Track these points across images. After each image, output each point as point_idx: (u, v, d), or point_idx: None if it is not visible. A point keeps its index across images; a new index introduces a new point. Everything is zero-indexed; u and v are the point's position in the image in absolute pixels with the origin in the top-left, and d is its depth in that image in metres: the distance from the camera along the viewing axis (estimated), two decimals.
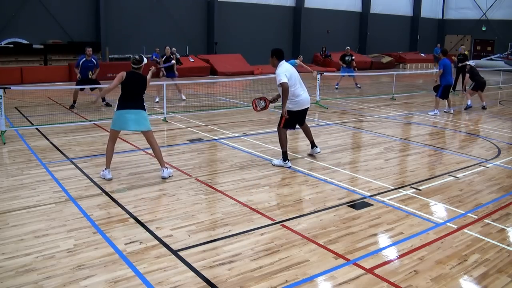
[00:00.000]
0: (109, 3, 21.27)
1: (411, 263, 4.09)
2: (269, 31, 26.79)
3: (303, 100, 7.03)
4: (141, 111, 6.22)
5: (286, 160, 7.06)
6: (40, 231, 4.54)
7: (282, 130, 7.08)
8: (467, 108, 13.26)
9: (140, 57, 6.34)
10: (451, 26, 36.62)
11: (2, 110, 8.33)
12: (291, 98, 6.91)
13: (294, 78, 6.90)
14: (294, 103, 6.98)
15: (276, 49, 7.00)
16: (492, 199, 5.81)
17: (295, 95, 6.92)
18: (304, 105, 7.09)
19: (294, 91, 6.89)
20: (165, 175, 6.33)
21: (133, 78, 6.22)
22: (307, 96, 7.10)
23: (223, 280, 3.73)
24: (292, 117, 7.01)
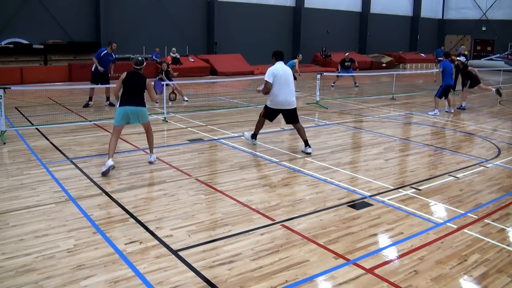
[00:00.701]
0: (109, 3, 21.28)
1: (411, 263, 4.09)
2: (269, 31, 26.80)
3: (281, 101, 7.60)
4: (142, 108, 6.68)
5: (254, 138, 8.20)
6: (40, 231, 4.54)
7: (261, 118, 7.98)
8: (460, 108, 13.25)
9: (143, 59, 6.81)
10: (451, 26, 36.62)
11: (2, 110, 8.33)
12: (271, 96, 7.64)
13: (279, 80, 7.49)
14: (271, 101, 7.70)
15: (276, 51, 7.77)
16: (492, 199, 5.81)
17: (274, 95, 7.58)
18: (281, 106, 7.65)
19: (273, 91, 7.55)
20: (152, 160, 7.01)
21: (134, 77, 6.68)
22: (286, 99, 7.60)
23: (223, 280, 3.73)
24: (269, 111, 7.83)
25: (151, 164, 6.95)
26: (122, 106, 6.57)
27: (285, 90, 7.55)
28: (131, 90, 6.60)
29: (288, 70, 7.77)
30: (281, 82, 7.52)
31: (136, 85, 6.62)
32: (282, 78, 7.51)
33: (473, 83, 13.45)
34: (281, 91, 7.52)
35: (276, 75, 7.48)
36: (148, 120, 6.84)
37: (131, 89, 6.60)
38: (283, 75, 7.53)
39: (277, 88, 7.51)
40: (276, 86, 7.50)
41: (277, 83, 7.49)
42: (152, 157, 7.04)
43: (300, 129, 7.84)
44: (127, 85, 6.61)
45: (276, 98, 7.57)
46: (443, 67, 12.31)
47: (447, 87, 12.39)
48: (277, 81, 7.48)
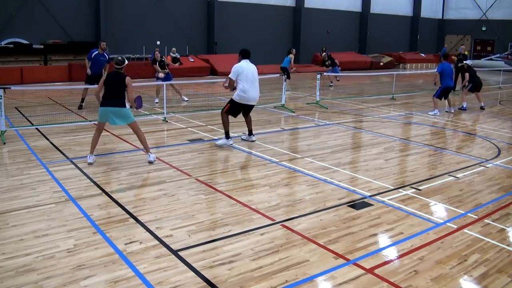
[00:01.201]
0: (109, 3, 21.27)
1: (411, 263, 4.09)
2: (269, 31, 26.80)
3: (249, 97, 7.89)
4: (122, 109, 6.80)
5: (228, 138, 8.10)
6: (40, 231, 4.54)
7: (224, 114, 8.07)
8: (462, 109, 13.26)
9: (123, 58, 6.92)
10: (451, 26, 36.63)
11: (2, 110, 8.33)
12: (239, 92, 7.82)
13: (245, 76, 7.75)
14: (240, 96, 7.86)
15: (243, 49, 8.09)
16: (492, 199, 5.81)
17: (243, 90, 7.79)
18: (249, 101, 7.98)
19: (243, 86, 7.77)
20: (152, 159, 6.98)
21: (114, 77, 6.82)
22: (254, 95, 7.94)
23: (223, 280, 3.73)
24: (235, 106, 7.99)
25: (151, 164, 6.96)
26: (103, 107, 6.75)
27: (253, 86, 7.85)
28: (111, 90, 6.73)
29: (254, 67, 7.96)
30: (249, 79, 7.77)
31: (116, 84, 6.72)
32: (249, 75, 7.79)
33: (474, 88, 13.46)
34: (250, 88, 7.80)
35: (242, 72, 7.72)
36: (134, 120, 6.89)
37: (110, 88, 6.73)
38: (249, 72, 7.81)
39: (246, 85, 7.76)
40: (245, 83, 7.74)
41: (245, 80, 7.74)
42: (150, 156, 7.02)
43: (249, 118, 8.37)
44: (107, 85, 6.77)
45: (245, 94, 7.81)
46: (440, 70, 12.35)
47: (446, 89, 12.39)
48: (245, 78, 7.73)
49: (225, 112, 8.06)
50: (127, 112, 6.85)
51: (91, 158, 6.91)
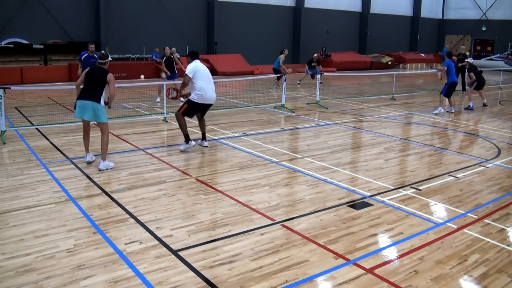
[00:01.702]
0: (109, 3, 21.28)
1: (411, 263, 4.09)
2: (269, 31, 26.80)
3: (209, 97, 7.71)
4: (97, 104, 6.59)
5: (188, 141, 7.79)
6: (40, 231, 4.54)
7: (180, 115, 7.71)
8: (468, 108, 13.32)
9: (106, 53, 6.92)
10: (451, 26, 36.63)
11: (2, 110, 8.33)
12: (197, 92, 7.59)
13: (202, 75, 7.61)
14: (199, 96, 7.62)
15: (191, 51, 7.98)
16: (492, 199, 5.81)
17: (201, 90, 7.58)
18: (208, 101, 7.76)
19: (200, 86, 7.57)
20: (101, 167, 6.61)
21: (96, 71, 6.71)
22: (212, 94, 7.78)
23: (223, 280, 3.73)
24: (193, 107, 7.71)
25: (101, 172, 6.52)
26: (81, 99, 6.57)
27: (210, 86, 7.74)
28: (90, 84, 6.61)
29: (206, 68, 7.85)
30: (205, 78, 7.66)
31: (96, 79, 6.61)
32: (205, 74, 7.69)
33: (477, 86, 13.60)
34: (208, 87, 7.67)
35: (198, 71, 7.57)
36: (105, 121, 6.67)
37: (90, 82, 6.62)
38: (205, 72, 7.72)
39: (205, 84, 7.61)
40: (203, 82, 7.59)
41: (202, 79, 7.60)
42: (101, 164, 6.60)
43: (204, 122, 8.15)
44: (87, 78, 6.65)
45: (204, 94, 7.60)
46: (447, 65, 12.46)
47: (452, 84, 12.46)
48: (201, 77, 7.58)
49: (181, 113, 7.69)
50: (101, 109, 6.63)
51: (89, 156, 6.88)
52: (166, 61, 13.38)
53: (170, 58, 13.42)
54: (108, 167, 6.67)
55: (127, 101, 13.16)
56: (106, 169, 6.62)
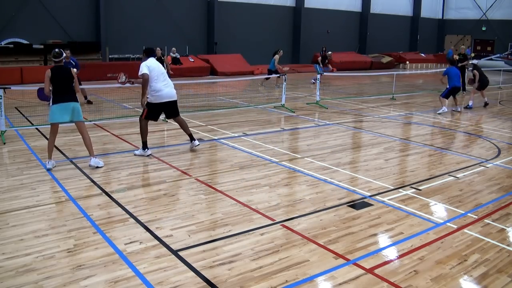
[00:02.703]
0: (109, 3, 21.28)
1: (411, 263, 4.09)
2: (269, 31, 26.80)
3: (163, 94, 7.41)
4: (75, 103, 6.59)
5: (145, 148, 7.46)
6: (40, 231, 4.54)
7: (143, 120, 7.45)
8: (467, 107, 13.36)
9: (60, 51, 6.61)
10: (451, 26, 36.63)
11: (2, 110, 8.33)
12: (151, 92, 7.38)
13: (157, 73, 7.35)
14: (154, 97, 7.40)
15: (147, 47, 7.75)
16: (492, 199, 5.81)
17: (155, 90, 7.36)
18: (164, 99, 7.44)
19: (155, 85, 7.34)
20: (92, 164, 6.66)
21: (58, 72, 6.53)
22: (169, 91, 7.50)
23: (223, 280, 3.73)
24: (153, 109, 7.45)
25: (97, 168, 6.62)
26: (56, 104, 6.46)
27: (165, 83, 7.46)
28: (60, 86, 6.48)
29: (160, 65, 7.63)
30: (159, 76, 7.41)
31: (64, 78, 6.48)
32: (159, 72, 7.43)
33: (480, 87, 13.73)
34: (163, 85, 7.39)
35: (153, 69, 7.30)
36: (82, 120, 6.71)
37: (59, 84, 6.47)
38: (159, 69, 7.45)
39: (158, 83, 7.36)
40: (156, 81, 7.34)
41: (156, 78, 7.34)
42: (92, 160, 6.67)
43: (183, 122, 7.84)
44: (55, 82, 6.45)
45: (159, 93, 7.36)
46: (446, 74, 12.69)
47: (453, 89, 12.59)
48: (155, 75, 7.31)
49: (144, 118, 7.41)
50: (80, 108, 6.61)
51: (51, 164, 6.57)
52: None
53: (161, 58, 13.47)
54: (99, 164, 6.70)
55: (127, 101, 13.17)
56: (96, 166, 6.66)
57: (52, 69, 6.53)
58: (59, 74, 6.51)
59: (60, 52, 6.57)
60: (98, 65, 19.41)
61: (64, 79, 6.51)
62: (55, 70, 6.51)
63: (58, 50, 6.58)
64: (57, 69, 6.53)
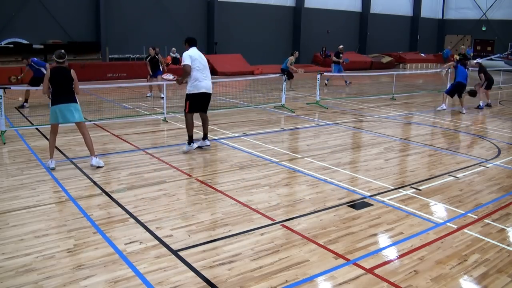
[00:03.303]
0: (109, 3, 21.28)
1: (411, 263, 4.09)
2: (269, 31, 26.80)
3: (202, 84, 7.55)
4: (75, 104, 6.59)
5: (191, 143, 7.68)
6: (40, 231, 4.54)
7: (188, 114, 7.65)
8: (479, 108, 13.42)
9: (63, 52, 6.63)
10: (451, 26, 36.63)
11: (2, 110, 8.33)
12: (192, 82, 7.51)
13: (198, 63, 7.52)
14: (193, 86, 7.52)
15: (189, 37, 7.93)
16: (492, 199, 5.81)
17: (196, 79, 7.48)
18: (202, 89, 7.57)
19: (195, 74, 7.47)
20: (94, 163, 6.67)
21: (58, 73, 6.53)
22: (207, 83, 7.65)
23: (223, 280, 3.73)
24: (193, 100, 7.58)
25: (98, 168, 6.63)
26: (54, 105, 6.47)
27: (205, 73, 7.59)
28: (60, 87, 6.48)
29: (202, 56, 7.75)
30: (201, 66, 7.53)
31: (63, 80, 6.47)
32: (201, 62, 7.56)
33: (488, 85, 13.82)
34: (203, 75, 7.53)
35: (195, 59, 7.44)
36: (82, 120, 6.67)
37: (59, 86, 6.48)
38: (201, 60, 7.58)
39: (199, 72, 7.48)
40: (197, 70, 7.46)
41: (197, 67, 7.46)
42: (94, 160, 6.68)
43: (206, 120, 7.93)
44: (54, 83, 6.48)
45: (198, 83, 7.48)
46: (458, 68, 12.67)
47: (459, 85, 12.51)
48: (197, 65, 7.46)
49: (188, 112, 7.61)
50: (79, 109, 6.61)
51: (53, 163, 6.59)
52: (151, 61, 13.62)
53: (155, 58, 13.62)
54: (100, 164, 6.69)
55: (127, 101, 13.16)
56: (97, 166, 6.66)
57: (51, 70, 6.55)
58: (58, 75, 6.50)
59: (64, 53, 6.61)
60: (98, 65, 19.41)
61: (63, 80, 6.49)
62: (54, 71, 6.53)
63: (63, 52, 6.61)
64: (57, 70, 6.53)
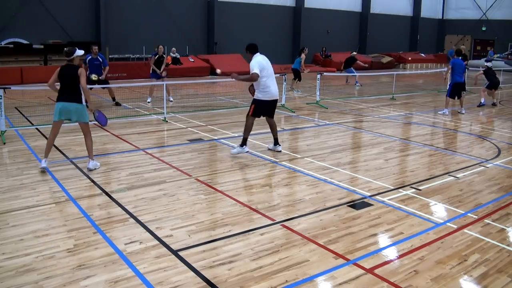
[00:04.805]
0: (109, 3, 21.27)
1: (411, 263, 4.09)
2: (269, 31, 26.77)
3: (272, 92, 7.51)
4: (77, 105, 6.40)
5: (243, 145, 7.62)
6: (40, 231, 4.54)
7: (250, 118, 7.60)
8: (480, 105, 13.40)
9: (70, 49, 6.52)
10: (451, 26, 36.60)
11: (2, 110, 8.33)
12: (261, 89, 7.43)
13: (266, 71, 7.40)
14: (264, 93, 7.47)
15: (250, 44, 7.61)
16: (492, 199, 5.81)
17: (266, 86, 7.42)
18: (272, 96, 7.55)
19: (265, 82, 7.39)
20: (91, 167, 6.57)
21: (66, 70, 6.46)
22: (275, 90, 7.60)
23: (223, 280, 3.73)
24: (260, 106, 7.54)
25: (90, 171, 6.52)
26: (58, 101, 6.42)
27: (273, 80, 7.57)
28: (65, 84, 6.42)
29: (269, 62, 7.65)
30: (269, 73, 7.47)
31: (68, 77, 6.37)
32: (269, 68, 7.50)
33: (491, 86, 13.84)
34: (272, 82, 7.50)
35: (264, 68, 7.34)
36: (86, 121, 6.51)
37: (64, 82, 6.42)
38: (268, 67, 7.50)
39: (268, 79, 7.42)
40: (266, 78, 7.38)
41: (266, 74, 7.38)
42: (90, 163, 6.58)
43: (273, 125, 7.88)
44: (61, 79, 6.43)
45: (268, 89, 7.42)
46: (452, 65, 12.33)
47: (456, 85, 12.30)
48: (266, 72, 7.37)
49: (251, 115, 7.56)
50: (82, 110, 6.45)
51: (45, 162, 6.49)
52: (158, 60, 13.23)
53: (162, 57, 13.44)
54: (96, 167, 6.64)
55: (127, 101, 13.16)
56: (95, 168, 6.60)
57: (61, 67, 6.53)
58: (65, 73, 6.45)
59: (70, 50, 6.47)
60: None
61: (68, 78, 6.40)
62: (63, 68, 6.48)
63: (68, 49, 6.52)
64: (65, 67, 6.50)
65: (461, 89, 12.47)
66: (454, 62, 12.32)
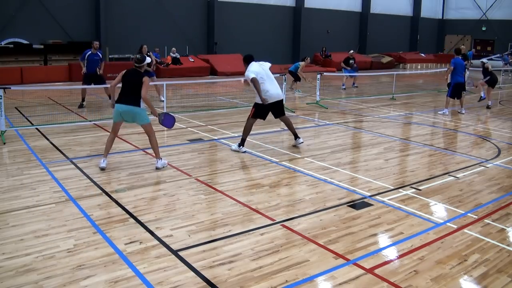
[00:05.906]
0: (109, 3, 21.27)
1: (411, 263, 4.09)
2: (269, 31, 26.79)
3: (272, 94, 7.73)
4: (134, 108, 6.51)
5: (241, 146, 7.83)
6: (40, 231, 4.54)
7: (251, 119, 7.88)
8: (481, 100, 13.39)
9: (141, 57, 6.73)
10: (451, 26, 36.62)
11: (2, 110, 8.32)
12: (263, 93, 7.62)
13: (262, 76, 7.67)
14: (264, 97, 7.64)
15: (246, 55, 8.06)
16: (492, 199, 5.81)
17: (265, 90, 7.65)
18: (273, 98, 7.76)
19: (266, 86, 7.66)
20: (159, 166, 6.72)
21: (130, 75, 6.61)
22: (276, 91, 7.83)
23: (223, 280, 3.73)
24: (260, 108, 7.80)
25: (158, 170, 6.65)
26: (118, 103, 6.58)
27: (272, 82, 7.79)
28: (126, 87, 6.54)
29: (265, 65, 7.99)
30: (265, 77, 7.72)
31: (132, 81, 6.50)
32: (265, 74, 7.75)
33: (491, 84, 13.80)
34: (270, 85, 7.73)
35: (258, 73, 7.64)
36: (147, 122, 6.61)
37: (126, 85, 6.55)
38: (263, 71, 7.77)
39: (266, 83, 7.68)
40: (263, 83, 7.65)
41: (262, 80, 7.65)
42: (158, 162, 6.73)
43: (288, 122, 8.14)
44: (124, 82, 6.61)
45: (268, 93, 7.68)
46: (453, 65, 12.16)
47: (456, 85, 12.23)
48: (261, 78, 7.65)
49: (251, 117, 7.86)
50: (140, 112, 6.55)
51: (105, 162, 6.63)
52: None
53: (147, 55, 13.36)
54: (165, 165, 6.79)
55: None
56: (163, 167, 6.74)
57: (127, 70, 6.69)
58: (129, 76, 6.60)
59: (142, 58, 6.67)
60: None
61: (132, 83, 6.50)
62: (128, 72, 6.65)
63: (140, 57, 6.69)
64: (131, 71, 6.64)
65: (461, 89, 12.43)
66: (456, 62, 12.18)
